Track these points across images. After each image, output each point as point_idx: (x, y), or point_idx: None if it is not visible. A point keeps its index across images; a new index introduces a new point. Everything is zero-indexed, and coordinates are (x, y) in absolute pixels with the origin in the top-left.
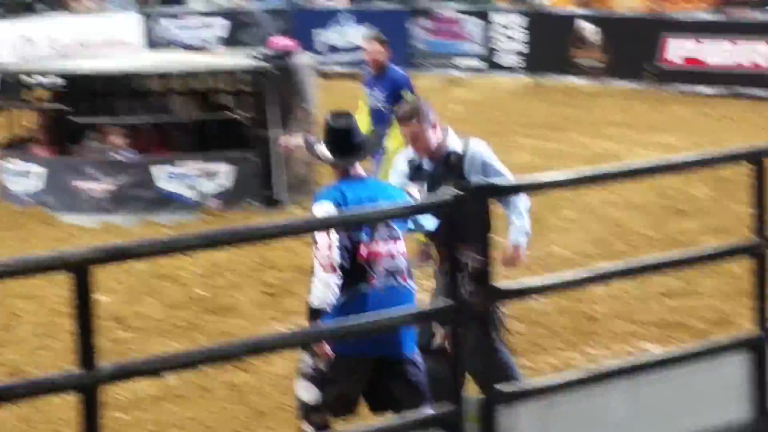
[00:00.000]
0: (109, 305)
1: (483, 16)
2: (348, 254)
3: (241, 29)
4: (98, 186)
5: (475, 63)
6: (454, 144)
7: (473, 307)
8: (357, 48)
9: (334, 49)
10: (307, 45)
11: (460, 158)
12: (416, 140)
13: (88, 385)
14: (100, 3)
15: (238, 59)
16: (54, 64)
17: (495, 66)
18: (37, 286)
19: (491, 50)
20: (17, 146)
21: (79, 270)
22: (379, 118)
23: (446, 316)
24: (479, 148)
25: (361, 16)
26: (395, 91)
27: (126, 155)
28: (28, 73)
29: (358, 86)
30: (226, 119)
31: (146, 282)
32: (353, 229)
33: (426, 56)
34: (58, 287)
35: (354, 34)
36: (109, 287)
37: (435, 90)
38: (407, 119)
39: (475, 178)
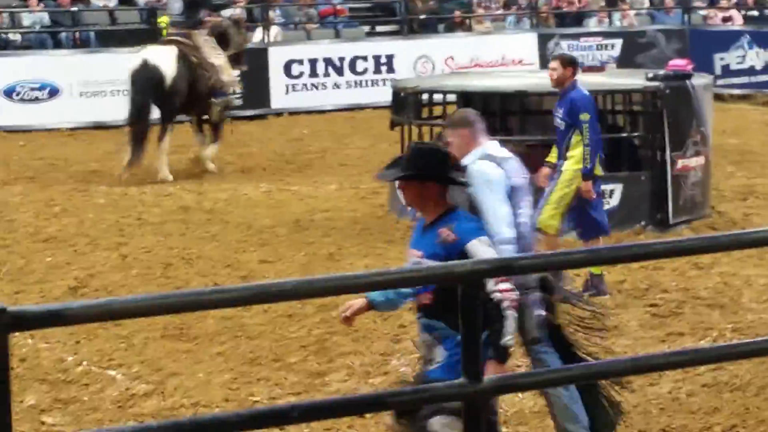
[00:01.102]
0: None
1: None
2: None
3: (637, 50)
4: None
5: None
6: (469, 157)
7: None
8: (755, 70)
9: (730, 70)
10: (704, 66)
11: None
12: (452, 149)
13: (472, 395)
14: (497, 23)
15: (634, 79)
16: (450, 81)
17: None
18: None
19: None
20: None
21: (468, 281)
22: (559, 138)
23: None
24: (477, 170)
25: (760, 38)
26: (572, 112)
27: None
28: (425, 91)
29: (755, 109)
30: (619, 139)
31: None
32: None
33: None
34: None
35: (753, 56)
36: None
37: None
38: (452, 127)
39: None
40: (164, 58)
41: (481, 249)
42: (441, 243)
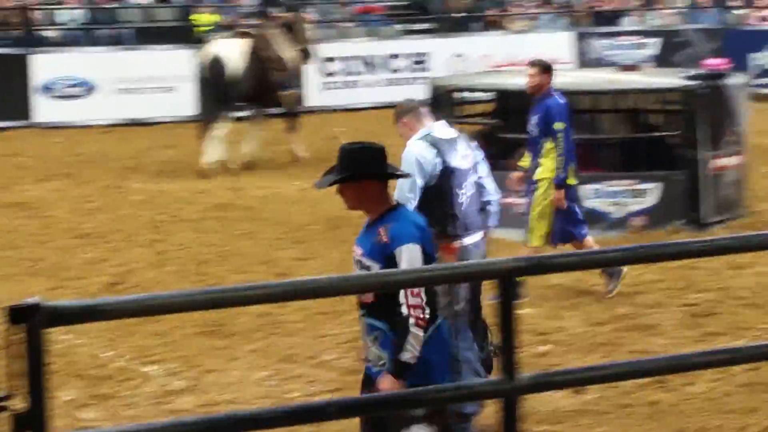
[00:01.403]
0: (532, 319)
1: None
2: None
3: (673, 49)
4: (525, 200)
5: None
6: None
7: None
8: None
9: (766, 70)
10: (740, 65)
11: None
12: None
13: (508, 392)
14: (532, 22)
15: (669, 79)
16: (485, 80)
17: None
18: None
19: None
20: None
21: (505, 278)
22: (532, 145)
23: None
24: (410, 150)
25: None
26: (546, 120)
27: None
28: (461, 89)
29: None
30: (655, 138)
31: (568, 297)
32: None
33: None
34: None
35: None
36: (533, 301)
37: None
38: (396, 118)
39: None
40: (234, 51)
41: (404, 257)
42: (377, 242)
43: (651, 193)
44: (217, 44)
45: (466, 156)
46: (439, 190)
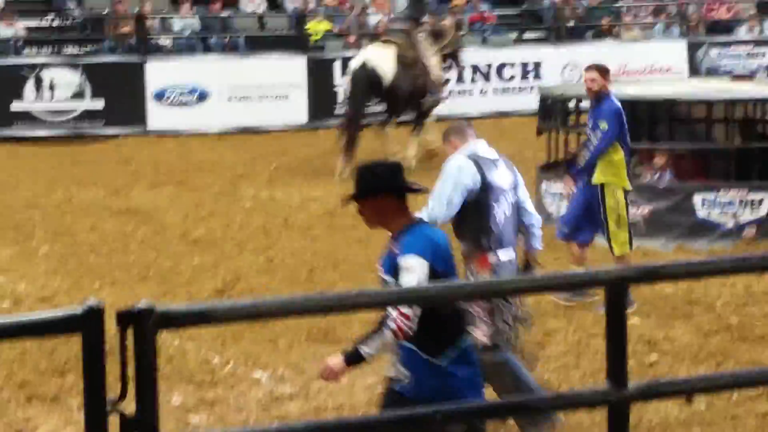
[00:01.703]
0: (641, 328)
1: None
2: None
3: None
4: (635, 210)
5: None
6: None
7: None
8: None
9: None
10: None
11: None
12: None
13: (617, 401)
14: (646, 31)
15: None
16: None
17: None
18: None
19: None
20: (556, 169)
21: (614, 287)
22: (587, 148)
23: None
24: (452, 161)
25: None
26: (597, 120)
27: (665, 181)
28: (572, 98)
29: None
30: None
31: (678, 307)
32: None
33: None
34: (588, 309)
35: None
36: (642, 311)
37: None
38: (444, 140)
39: None
40: (383, 59)
41: (403, 265)
42: (391, 256)
43: (764, 203)
44: (366, 52)
45: (506, 176)
46: (477, 205)
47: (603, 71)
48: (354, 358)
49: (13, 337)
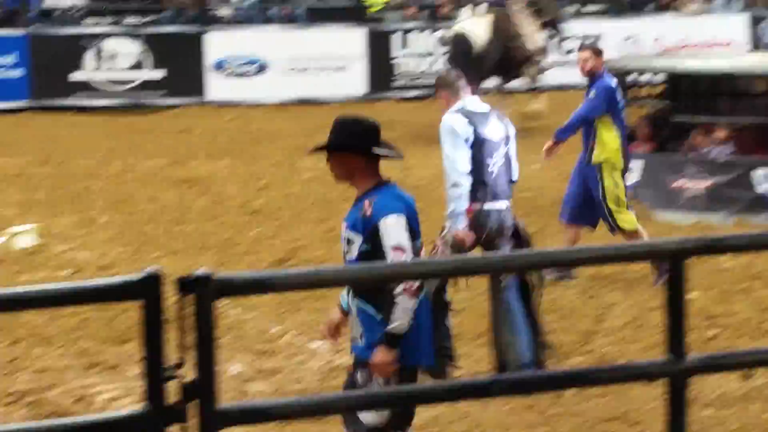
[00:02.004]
0: (701, 302)
1: None
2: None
3: None
4: (696, 184)
5: None
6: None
7: None
8: None
9: None
10: None
11: None
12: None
13: (676, 373)
14: (706, 5)
15: None
16: (658, 62)
17: None
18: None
19: None
20: None
21: (675, 259)
22: (584, 128)
23: None
24: (444, 120)
25: None
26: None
27: (725, 155)
28: (633, 71)
29: None
30: None
31: (738, 281)
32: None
33: None
34: (645, 283)
35: None
36: (702, 285)
37: None
38: (435, 90)
39: None
40: (477, 28)
41: (386, 230)
42: (361, 216)
43: None
44: (462, 22)
45: (498, 129)
46: (471, 160)
47: (596, 52)
48: (394, 341)
49: (73, 303)
